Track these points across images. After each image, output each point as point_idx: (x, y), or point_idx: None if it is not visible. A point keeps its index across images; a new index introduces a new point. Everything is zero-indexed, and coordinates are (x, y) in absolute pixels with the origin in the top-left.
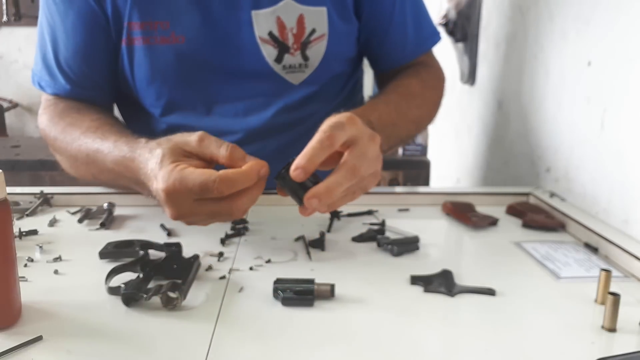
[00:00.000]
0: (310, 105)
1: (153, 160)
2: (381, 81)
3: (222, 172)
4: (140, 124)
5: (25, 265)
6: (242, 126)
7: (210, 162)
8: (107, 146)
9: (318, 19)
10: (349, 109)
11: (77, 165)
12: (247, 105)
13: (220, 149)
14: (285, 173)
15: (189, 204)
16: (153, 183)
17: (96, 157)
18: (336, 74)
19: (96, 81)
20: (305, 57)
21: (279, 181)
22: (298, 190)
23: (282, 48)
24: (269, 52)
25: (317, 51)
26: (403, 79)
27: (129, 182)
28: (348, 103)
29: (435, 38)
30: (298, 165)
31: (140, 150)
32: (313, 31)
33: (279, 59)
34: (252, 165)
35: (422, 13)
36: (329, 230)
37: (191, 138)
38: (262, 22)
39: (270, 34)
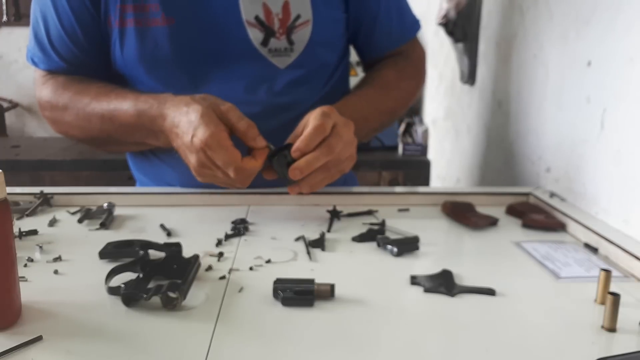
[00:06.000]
0: (296, 91)
1: (193, 114)
2: (368, 69)
3: (244, 163)
4: None
5: (25, 265)
6: None
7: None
8: (127, 103)
9: (302, 5)
10: (335, 100)
11: (89, 127)
12: (234, 87)
13: (240, 123)
14: (287, 153)
15: (210, 161)
16: (184, 132)
17: (113, 115)
18: (322, 62)
19: (88, 63)
20: (291, 42)
21: (276, 158)
22: (287, 169)
23: (268, 32)
24: (255, 35)
25: (302, 36)
26: (380, 71)
27: (147, 134)
28: (335, 94)
29: (416, 26)
30: (298, 148)
31: (172, 102)
32: (298, 17)
33: (265, 42)
34: (260, 155)
35: (403, 3)
36: (329, 230)
37: (222, 107)
38: (249, 6)
39: (257, 17)
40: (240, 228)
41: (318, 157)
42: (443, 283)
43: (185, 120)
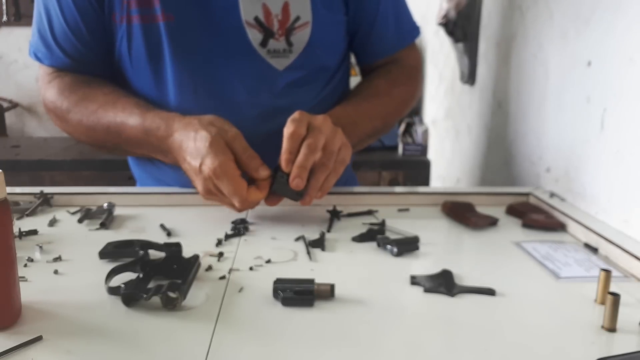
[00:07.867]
0: (296, 93)
1: (200, 142)
2: (365, 74)
3: (249, 194)
4: None
5: (25, 265)
6: (229, 110)
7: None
8: (134, 119)
9: (302, 7)
10: (334, 102)
11: (94, 135)
12: (234, 88)
13: (243, 155)
14: (281, 174)
15: (216, 189)
16: (192, 158)
17: (120, 128)
18: (322, 64)
19: (92, 59)
20: (290, 43)
21: (275, 184)
22: (289, 186)
23: (267, 33)
24: (254, 36)
25: (301, 38)
26: (370, 80)
27: (154, 151)
28: (334, 96)
29: (415, 32)
30: (285, 160)
31: (180, 124)
32: (297, 18)
33: (264, 43)
34: (264, 186)
35: (402, 8)
36: (329, 230)
37: (229, 134)
38: (248, 6)
39: (256, 18)
40: (240, 228)
41: (306, 157)
42: (443, 283)
43: (193, 146)
